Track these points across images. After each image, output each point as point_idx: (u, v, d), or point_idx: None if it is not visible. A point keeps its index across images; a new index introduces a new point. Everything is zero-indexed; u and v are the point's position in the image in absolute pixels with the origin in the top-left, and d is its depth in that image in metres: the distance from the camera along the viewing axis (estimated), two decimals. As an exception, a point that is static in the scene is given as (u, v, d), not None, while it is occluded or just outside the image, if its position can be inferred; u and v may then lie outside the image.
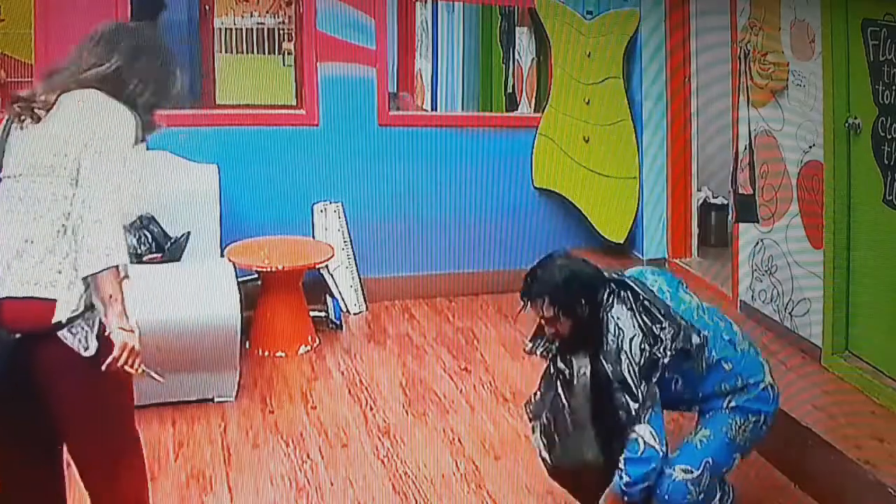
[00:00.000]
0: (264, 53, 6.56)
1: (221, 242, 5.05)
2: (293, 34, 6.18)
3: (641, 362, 3.10)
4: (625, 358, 3.12)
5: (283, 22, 6.52)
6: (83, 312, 2.56)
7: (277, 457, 4.06)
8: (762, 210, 4.81)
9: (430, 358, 5.11)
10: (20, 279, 2.54)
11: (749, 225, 4.93)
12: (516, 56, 6.89)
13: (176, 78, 2.86)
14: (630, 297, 3.18)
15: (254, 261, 5.05)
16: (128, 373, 2.58)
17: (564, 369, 3.32)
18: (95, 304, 2.57)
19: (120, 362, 2.52)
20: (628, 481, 3.10)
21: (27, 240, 2.56)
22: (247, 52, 6.51)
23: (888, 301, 4.02)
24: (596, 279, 3.26)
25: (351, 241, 5.55)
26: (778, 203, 4.68)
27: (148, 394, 4.28)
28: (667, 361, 3.10)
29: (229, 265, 4.71)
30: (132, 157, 2.64)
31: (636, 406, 3.10)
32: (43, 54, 5.22)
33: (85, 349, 2.55)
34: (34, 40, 5.24)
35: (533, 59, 6.63)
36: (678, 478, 3.14)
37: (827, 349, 4.32)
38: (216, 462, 3.99)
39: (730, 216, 5.33)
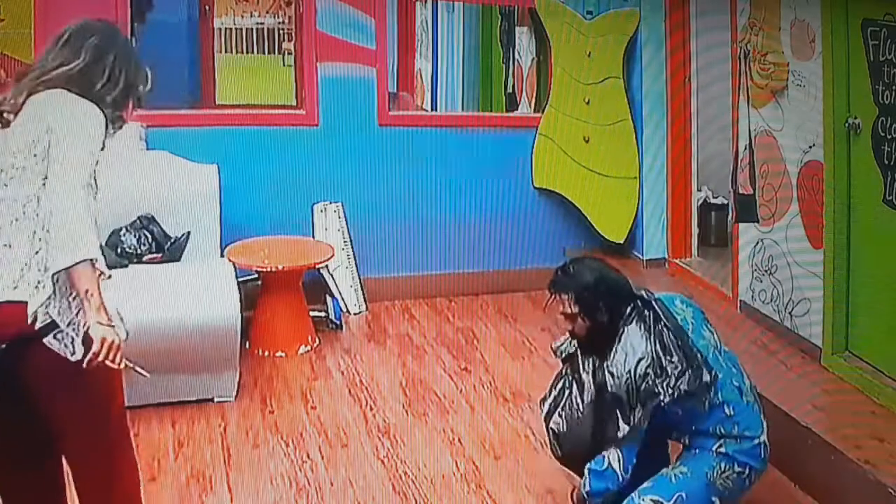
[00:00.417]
0: (264, 53, 6.56)
1: (221, 242, 5.05)
2: (293, 34, 6.19)
3: (643, 388, 3.10)
4: (628, 378, 3.13)
5: (283, 22, 6.53)
6: (58, 314, 2.48)
7: (277, 457, 4.06)
8: (762, 210, 4.81)
9: (430, 358, 5.11)
10: (2, 284, 2.50)
11: (749, 225, 4.93)
12: (516, 56, 6.89)
13: (145, 75, 2.82)
14: (651, 319, 3.19)
15: (254, 261, 5.05)
16: (115, 372, 2.53)
17: (580, 372, 3.34)
18: (68, 303, 2.50)
19: (100, 357, 2.43)
20: (589, 490, 3.20)
21: (6, 244, 2.53)
22: (247, 52, 6.51)
23: (888, 301, 4.02)
24: (624, 290, 3.28)
25: (351, 241, 5.55)
26: (778, 203, 4.68)
27: (148, 394, 4.29)
28: (666, 399, 3.09)
29: (229, 265, 4.71)
30: (99, 154, 2.58)
31: (625, 430, 3.13)
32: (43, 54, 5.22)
33: (71, 354, 2.48)
34: (34, 40, 5.23)
35: (533, 59, 6.63)
36: None
37: (827, 349, 4.32)
38: (216, 462, 3.99)
39: (730, 216, 5.33)
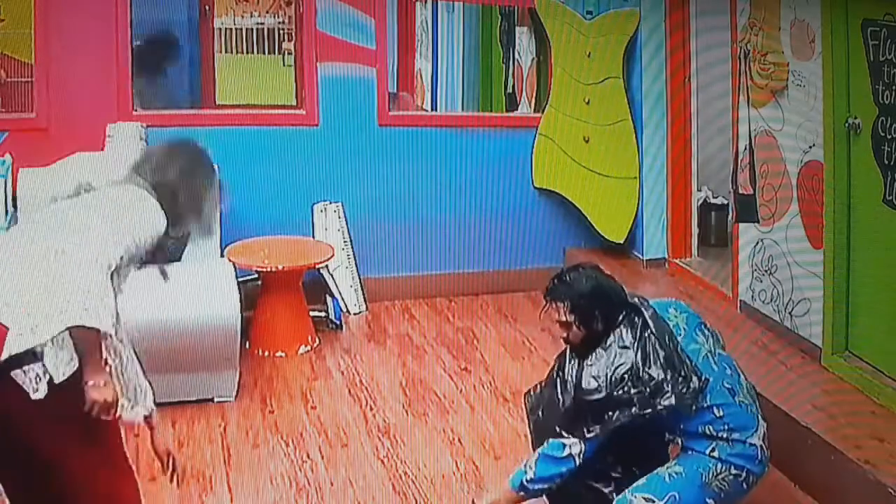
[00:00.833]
0: (264, 53, 6.55)
1: (221, 242, 5.04)
2: (293, 34, 6.18)
3: (616, 393, 3.11)
4: (603, 381, 3.13)
5: (283, 22, 6.51)
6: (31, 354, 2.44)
7: (277, 457, 4.06)
8: (762, 210, 4.81)
9: (430, 358, 5.11)
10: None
11: (749, 225, 4.93)
12: (516, 56, 6.88)
13: (211, 203, 2.96)
14: (639, 326, 3.21)
15: (254, 261, 5.05)
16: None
17: (565, 370, 3.34)
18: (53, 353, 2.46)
19: (93, 414, 2.49)
20: (532, 478, 3.14)
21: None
22: (247, 52, 6.50)
23: (888, 301, 4.02)
24: (618, 298, 3.30)
25: (351, 241, 5.55)
26: (778, 203, 4.67)
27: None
28: (637, 412, 3.09)
29: (229, 265, 4.71)
30: (142, 241, 2.64)
31: (596, 430, 3.12)
32: (43, 54, 5.23)
33: (34, 391, 2.44)
34: (34, 40, 5.24)
35: (533, 59, 6.63)
36: None
37: (827, 349, 4.32)
38: (216, 462, 3.99)
39: (730, 216, 5.33)
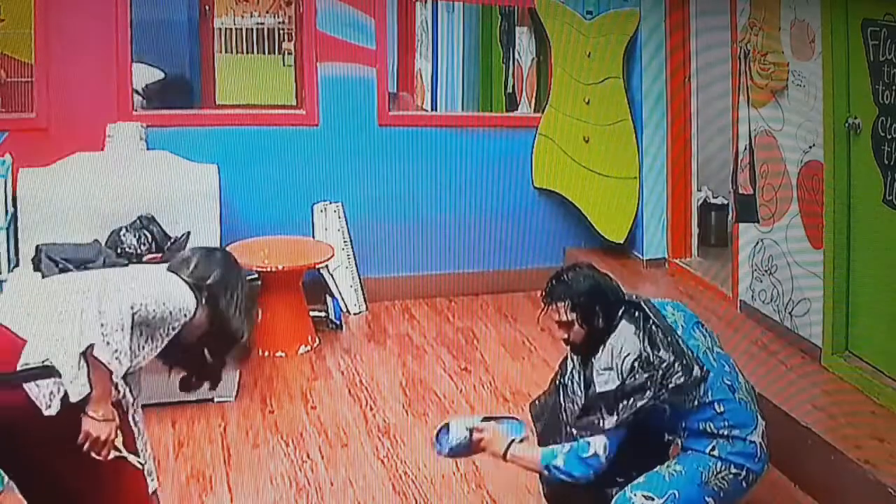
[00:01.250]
0: (264, 53, 6.55)
1: (221, 242, 5.04)
2: (293, 34, 6.18)
3: (629, 382, 3.11)
4: (614, 373, 3.14)
5: (283, 22, 6.51)
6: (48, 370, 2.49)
7: (277, 457, 4.06)
8: (762, 210, 4.81)
9: (430, 358, 5.11)
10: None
11: (749, 225, 4.93)
12: (516, 56, 6.88)
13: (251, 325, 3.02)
14: (640, 319, 3.22)
15: (254, 261, 5.04)
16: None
17: (566, 376, 3.34)
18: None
19: (85, 448, 2.50)
20: (559, 466, 3.14)
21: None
22: (247, 52, 6.50)
23: (888, 301, 4.02)
24: (616, 295, 3.31)
25: (351, 241, 5.55)
26: (778, 203, 4.67)
27: (148, 394, 4.27)
28: (652, 394, 3.09)
29: (229, 265, 4.70)
30: (168, 309, 2.70)
31: (612, 421, 3.11)
32: (43, 54, 5.23)
33: (46, 407, 2.46)
34: (34, 40, 5.24)
35: (533, 59, 6.63)
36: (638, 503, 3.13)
37: (827, 349, 4.32)
38: (216, 462, 3.99)
39: (730, 216, 5.33)
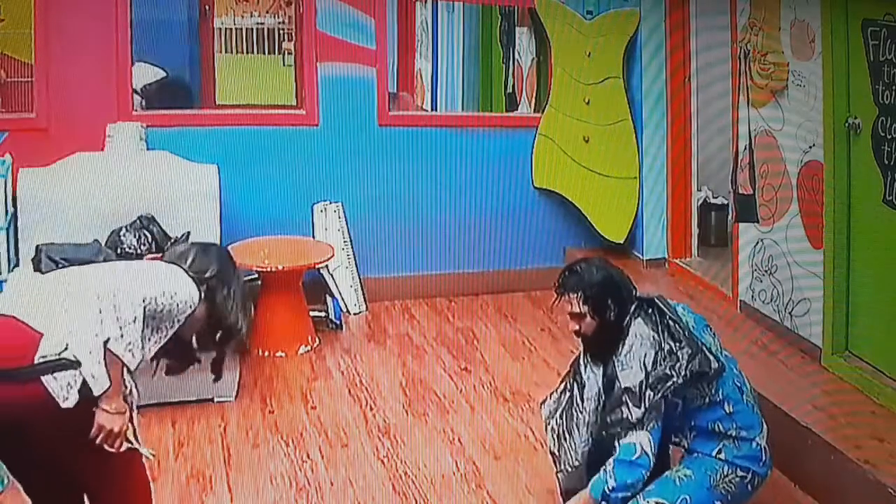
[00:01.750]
0: (264, 53, 6.55)
1: (221, 242, 5.04)
2: (293, 34, 6.18)
3: (653, 373, 3.12)
4: (637, 366, 3.15)
5: (283, 22, 6.52)
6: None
7: (277, 457, 4.06)
8: (762, 210, 4.81)
9: (430, 358, 5.11)
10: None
11: (749, 225, 4.93)
12: (516, 56, 6.88)
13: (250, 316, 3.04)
14: (656, 314, 3.24)
15: (254, 261, 5.05)
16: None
17: (583, 374, 3.35)
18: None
19: (98, 441, 2.55)
20: (614, 486, 3.07)
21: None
22: (247, 52, 6.50)
23: (888, 301, 4.02)
24: (629, 289, 3.33)
25: (351, 241, 5.54)
26: (778, 203, 4.68)
27: (148, 394, 4.27)
28: (679, 381, 3.11)
29: (229, 265, 4.70)
30: (175, 301, 2.70)
31: (639, 413, 3.11)
32: (43, 54, 5.23)
33: (64, 399, 2.48)
34: (34, 40, 5.24)
35: (533, 59, 6.63)
36: None
37: (827, 349, 4.32)
38: (216, 462, 3.99)
39: (730, 216, 5.33)
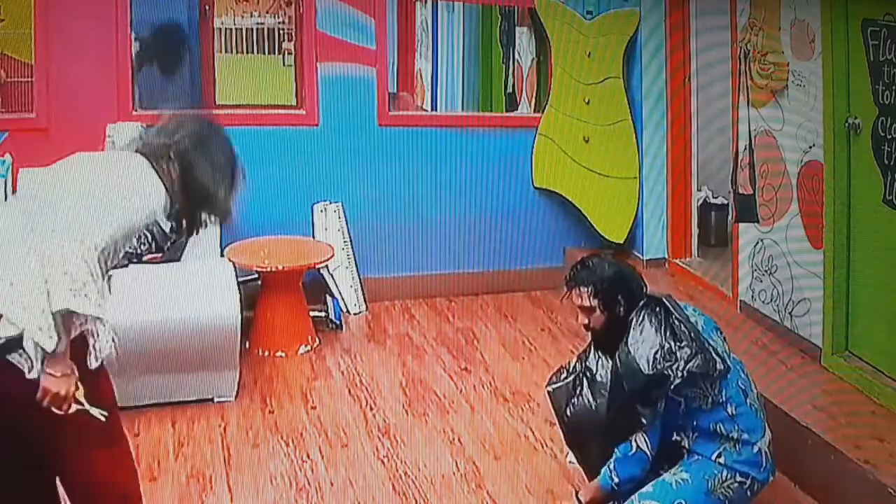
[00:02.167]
0: (264, 53, 6.55)
1: (221, 242, 5.05)
2: (293, 34, 6.18)
3: (653, 373, 3.14)
4: (637, 364, 3.16)
5: (283, 22, 6.51)
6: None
7: (277, 457, 4.06)
8: (762, 210, 4.81)
9: (430, 358, 5.11)
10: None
11: (749, 225, 4.93)
12: (516, 56, 6.88)
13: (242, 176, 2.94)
14: (662, 313, 3.26)
15: (254, 261, 5.05)
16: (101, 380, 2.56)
17: (592, 368, 3.39)
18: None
19: (44, 404, 2.43)
20: (618, 481, 3.21)
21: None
22: (247, 52, 6.50)
23: (888, 301, 4.03)
24: (639, 285, 3.36)
25: (351, 241, 5.55)
26: (778, 203, 4.68)
27: (148, 394, 4.30)
28: (676, 380, 3.14)
29: (229, 265, 4.71)
30: (136, 219, 2.62)
31: (643, 411, 3.16)
32: (43, 54, 5.23)
33: (29, 370, 2.42)
34: (34, 40, 5.24)
35: (533, 59, 6.63)
36: None
37: (827, 349, 4.32)
38: (216, 462, 3.99)
39: (730, 216, 5.34)
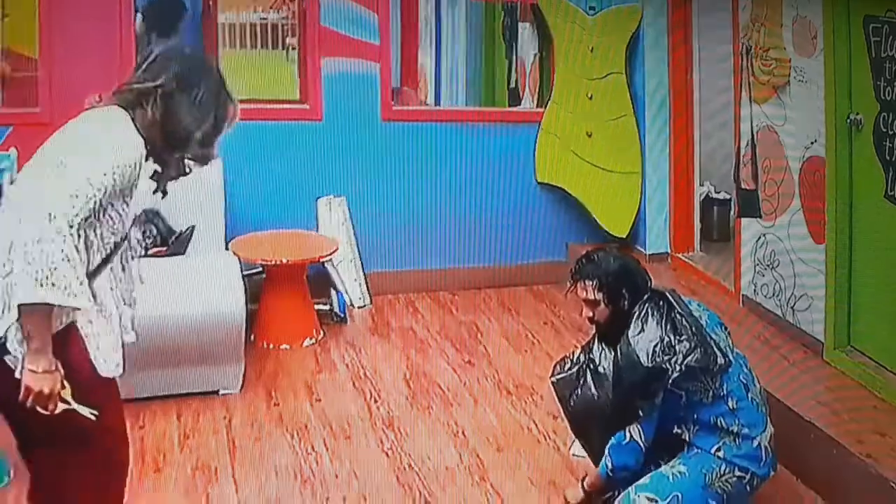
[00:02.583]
0: (268, 48, 6.55)
1: (226, 236, 5.07)
2: (297, 29, 6.19)
3: (651, 365, 3.17)
4: (637, 356, 3.20)
5: (287, 17, 6.52)
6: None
7: (282, 449, 4.08)
8: (764, 205, 4.82)
9: (434, 351, 5.13)
10: None
11: (751, 220, 4.94)
12: (519, 51, 6.88)
13: (235, 108, 2.80)
14: (664, 307, 3.28)
15: (258, 254, 5.07)
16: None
17: (595, 360, 3.41)
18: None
19: (28, 404, 2.33)
20: (612, 467, 3.30)
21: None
22: (250, 48, 6.50)
23: (890, 296, 4.04)
24: (644, 280, 3.39)
25: (355, 235, 5.57)
26: (780, 198, 4.69)
27: (153, 387, 4.32)
28: (675, 374, 3.17)
29: (234, 259, 4.73)
30: (112, 180, 2.48)
31: (642, 403, 3.22)
32: (47, 49, 5.24)
33: (15, 368, 2.36)
34: (39, 35, 5.25)
35: (536, 55, 6.63)
36: None
37: (829, 344, 4.34)
38: (221, 454, 4.01)
39: (732, 211, 5.35)
